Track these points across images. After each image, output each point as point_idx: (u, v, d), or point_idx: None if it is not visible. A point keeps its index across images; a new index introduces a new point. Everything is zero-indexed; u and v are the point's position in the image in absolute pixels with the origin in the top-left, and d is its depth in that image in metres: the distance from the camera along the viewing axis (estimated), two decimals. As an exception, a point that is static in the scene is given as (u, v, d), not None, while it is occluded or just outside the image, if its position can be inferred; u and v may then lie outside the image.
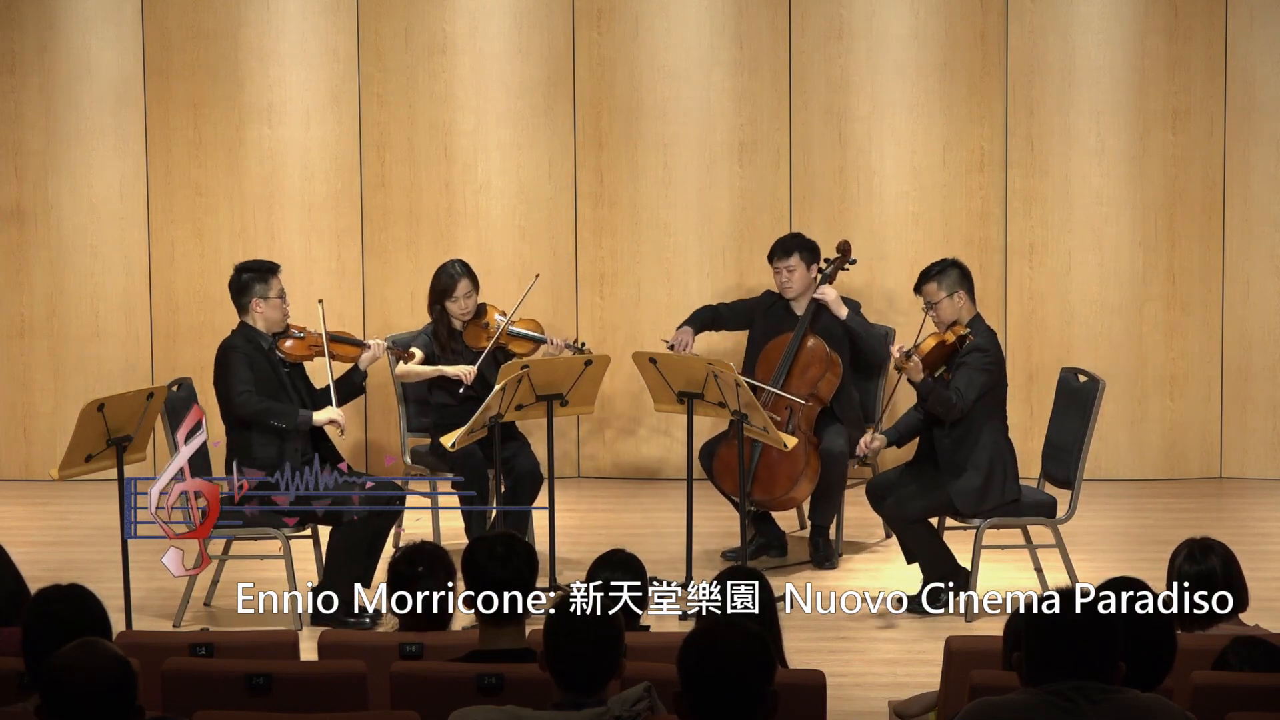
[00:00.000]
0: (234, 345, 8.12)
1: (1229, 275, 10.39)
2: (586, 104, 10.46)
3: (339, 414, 8.09)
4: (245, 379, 8.02)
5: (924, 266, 8.28)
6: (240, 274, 8.22)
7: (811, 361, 8.81)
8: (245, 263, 8.33)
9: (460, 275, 8.76)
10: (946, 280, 8.10)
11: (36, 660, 4.41)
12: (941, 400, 7.95)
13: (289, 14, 10.47)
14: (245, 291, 8.17)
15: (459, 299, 8.75)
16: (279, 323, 8.19)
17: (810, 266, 8.91)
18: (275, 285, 8.18)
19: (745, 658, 3.94)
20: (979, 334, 8.07)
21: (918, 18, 10.31)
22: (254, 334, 8.15)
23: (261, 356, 8.10)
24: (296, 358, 8.22)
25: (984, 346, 8.04)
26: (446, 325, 8.80)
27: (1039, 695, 3.99)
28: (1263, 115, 10.29)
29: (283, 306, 8.20)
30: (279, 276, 8.22)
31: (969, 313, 8.13)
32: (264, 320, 8.16)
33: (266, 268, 8.22)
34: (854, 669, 7.39)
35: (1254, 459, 10.50)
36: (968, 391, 7.95)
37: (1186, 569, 5.84)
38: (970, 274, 8.21)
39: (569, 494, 10.10)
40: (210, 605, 8.25)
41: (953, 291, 8.09)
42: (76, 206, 10.55)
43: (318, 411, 8.09)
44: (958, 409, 7.95)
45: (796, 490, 8.68)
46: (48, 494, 10.27)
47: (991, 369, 8.03)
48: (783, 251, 8.91)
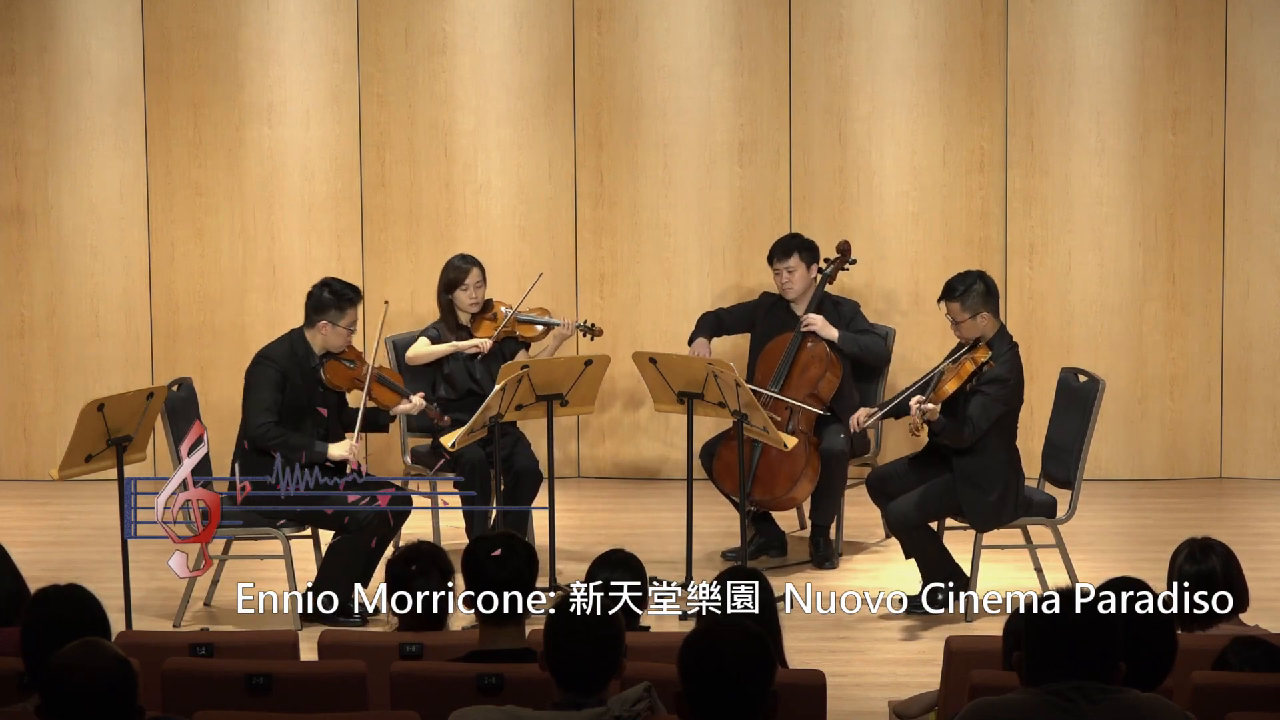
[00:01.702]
0: (269, 357, 8.00)
1: (1229, 275, 10.39)
2: (586, 104, 10.46)
3: (356, 449, 7.96)
4: (269, 403, 7.91)
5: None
6: (324, 290, 8.09)
7: (811, 362, 8.81)
8: (334, 281, 8.16)
9: (469, 265, 8.81)
10: (970, 301, 7.95)
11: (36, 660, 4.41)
12: (954, 435, 7.89)
13: (289, 14, 10.47)
14: (320, 310, 8.04)
15: (469, 287, 8.79)
16: (337, 349, 8.10)
17: (810, 266, 8.90)
18: (350, 315, 8.06)
19: (745, 658, 3.94)
20: (1000, 357, 7.95)
21: (918, 18, 10.31)
22: (303, 348, 8.05)
23: (299, 371, 8.00)
24: (335, 386, 8.11)
25: (1003, 377, 7.91)
26: (454, 318, 8.83)
27: (1039, 695, 3.99)
28: (1263, 115, 10.29)
29: (348, 337, 8.09)
30: (358, 308, 8.11)
31: (992, 329, 8.04)
32: (322, 342, 8.06)
33: (350, 296, 8.08)
34: (854, 669, 7.39)
35: (1254, 459, 10.50)
36: (981, 422, 7.86)
37: (1187, 569, 5.84)
38: (995, 287, 8.07)
39: (569, 494, 10.10)
40: (210, 605, 8.25)
41: (976, 313, 7.98)
42: (76, 206, 10.55)
43: (334, 446, 7.97)
44: (968, 440, 7.89)
45: (797, 490, 8.68)
46: (48, 494, 10.27)
47: (1008, 398, 7.95)
48: (782, 252, 8.91)
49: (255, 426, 7.91)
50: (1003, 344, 8.01)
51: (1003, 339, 8.02)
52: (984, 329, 8.01)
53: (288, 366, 7.99)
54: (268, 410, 7.91)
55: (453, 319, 8.84)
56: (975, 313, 7.98)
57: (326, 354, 8.11)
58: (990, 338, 8.01)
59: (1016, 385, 8.00)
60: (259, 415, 7.91)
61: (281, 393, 7.96)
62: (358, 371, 8.14)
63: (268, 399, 7.92)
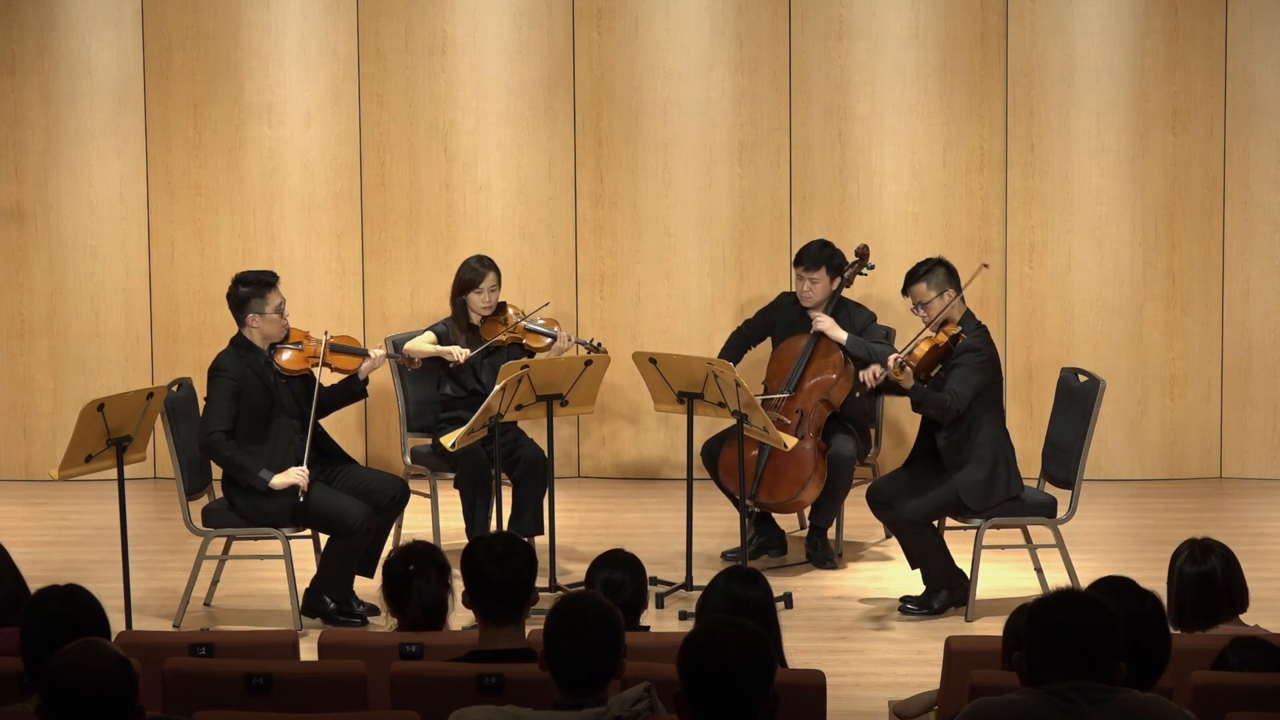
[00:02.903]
0: (222, 368, 7.90)
1: (1229, 275, 10.39)
2: (586, 104, 10.46)
3: (302, 475, 7.80)
4: (223, 416, 7.81)
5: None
6: (237, 287, 8.02)
7: (825, 367, 8.80)
8: (242, 274, 8.10)
9: (486, 269, 8.80)
10: (934, 279, 8.10)
11: (35, 660, 4.41)
12: (935, 403, 7.95)
13: (289, 14, 10.47)
14: (242, 306, 7.98)
15: (484, 291, 8.78)
16: (277, 335, 8.04)
17: (834, 280, 8.91)
18: (273, 299, 7.98)
19: (745, 658, 3.94)
20: (970, 331, 8.08)
21: (918, 18, 10.31)
22: (249, 349, 7.98)
23: (254, 375, 7.93)
24: (293, 372, 8.03)
25: (977, 346, 8.04)
26: (466, 319, 8.82)
27: (1039, 695, 3.99)
28: (1263, 115, 10.29)
29: (280, 321, 8.00)
30: (277, 289, 8.02)
31: (959, 310, 8.12)
32: (260, 335, 7.99)
33: (264, 280, 8.01)
34: (854, 669, 7.39)
35: (1254, 459, 10.50)
36: (962, 391, 7.95)
37: (1187, 569, 5.83)
38: (956, 271, 8.20)
39: (569, 494, 10.10)
40: (210, 605, 8.25)
41: (942, 290, 8.09)
42: (76, 206, 10.55)
43: (278, 475, 7.81)
44: (952, 410, 7.94)
45: (804, 494, 8.66)
46: (48, 494, 10.27)
47: (985, 367, 8.03)
48: (811, 263, 8.88)
49: (206, 435, 7.85)
50: (970, 322, 8.13)
51: (969, 319, 8.12)
52: (951, 309, 8.08)
53: (239, 371, 7.89)
54: (219, 420, 7.81)
55: (464, 319, 8.83)
56: (941, 290, 8.09)
57: (272, 344, 8.05)
58: (958, 319, 8.08)
59: (991, 355, 8.09)
60: (211, 424, 7.84)
61: (237, 402, 7.86)
62: (310, 350, 8.08)
63: (223, 409, 7.83)
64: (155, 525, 9.59)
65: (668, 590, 8.23)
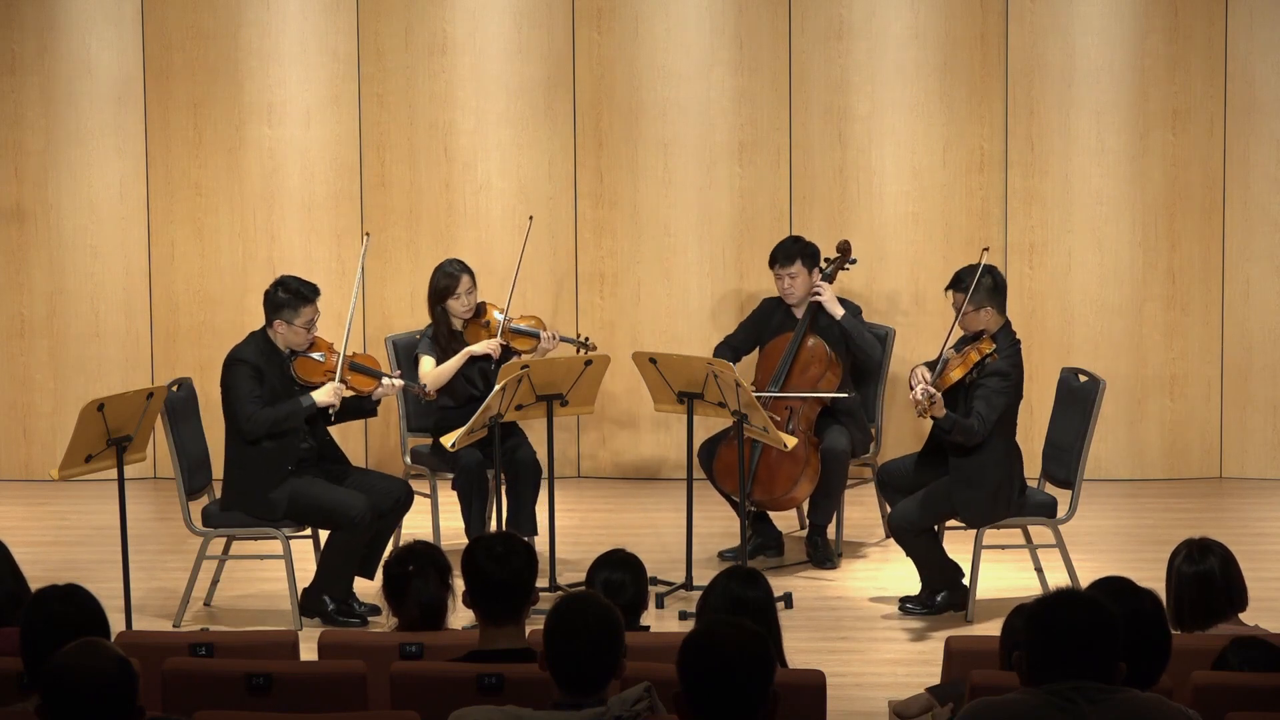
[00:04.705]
0: (241, 358, 7.95)
1: (1229, 275, 10.39)
2: (586, 104, 10.46)
3: (338, 390, 7.96)
4: (252, 394, 7.86)
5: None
6: (277, 290, 8.01)
7: (811, 361, 8.81)
8: (286, 279, 8.07)
9: (460, 272, 8.74)
10: (976, 295, 7.95)
11: (35, 660, 4.41)
12: (964, 430, 7.86)
13: (289, 14, 10.47)
14: (276, 310, 7.98)
15: (461, 295, 8.72)
16: (299, 346, 8.05)
17: (812, 271, 8.90)
18: (306, 313, 7.97)
19: (745, 658, 3.93)
20: (1003, 351, 7.96)
21: (918, 18, 10.31)
22: (270, 348, 8.01)
23: (274, 368, 7.97)
24: (308, 381, 8.04)
25: (1005, 371, 7.92)
26: (447, 326, 8.77)
27: (1039, 695, 3.99)
28: (1263, 115, 10.29)
29: (307, 335, 8.01)
30: (315, 304, 8.02)
31: (996, 324, 8.04)
32: (282, 340, 8.01)
33: (303, 294, 7.99)
34: (854, 669, 7.39)
35: (1254, 459, 10.50)
36: (989, 416, 7.84)
37: (1185, 569, 5.83)
38: (1003, 283, 8.10)
39: (569, 494, 10.10)
40: (210, 605, 8.25)
41: (980, 306, 7.98)
42: (76, 206, 10.55)
43: (317, 392, 7.95)
44: (979, 435, 7.86)
45: (797, 490, 8.67)
46: (48, 494, 10.27)
47: (1010, 390, 7.94)
48: (785, 258, 8.88)
49: (245, 419, 7.86)
50: (1006, 340, 8.01)
51: (1006, 335, 8.02)
52: (988, 323, 8.01)
53: (260, 362, 7.93)
54: (253, 400, 7.86)
55: (445, 328, 8.76)
56: (979, 306, 7.98)
57: (293, 351, 8.08)
58: (994, 332, 8.01)
59: (1018, 379, 8.01)
60: (246, 407, 7.86)
61: (260, 386, 7.91)
62: (329, 364, 8.09)
63: (249, 389, 7.86)
64: (155, 525, 9.59)
65: (668, 590, 8.23)
